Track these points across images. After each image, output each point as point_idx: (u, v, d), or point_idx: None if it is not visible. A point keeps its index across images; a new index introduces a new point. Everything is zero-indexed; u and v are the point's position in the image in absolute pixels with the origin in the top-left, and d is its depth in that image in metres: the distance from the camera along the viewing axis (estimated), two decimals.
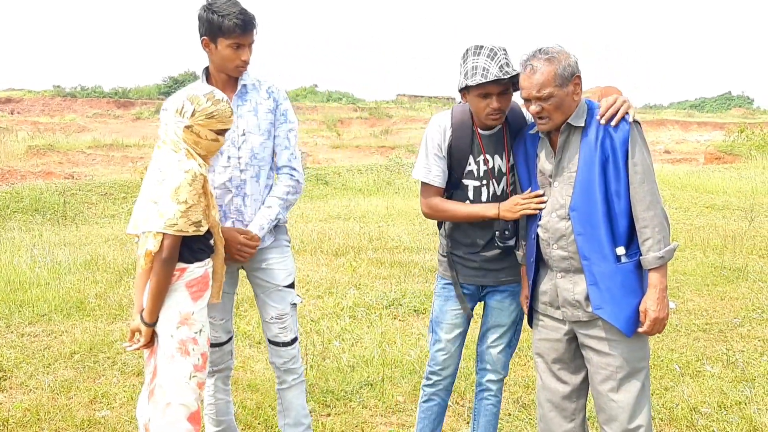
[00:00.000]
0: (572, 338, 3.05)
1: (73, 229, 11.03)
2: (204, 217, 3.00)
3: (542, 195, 3.04)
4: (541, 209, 3.04)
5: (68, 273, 7.73)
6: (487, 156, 3.22)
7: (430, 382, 3.46)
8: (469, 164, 3.22)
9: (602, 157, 2.85)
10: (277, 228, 3.53)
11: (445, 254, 3.37)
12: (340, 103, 50.02)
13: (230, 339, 3.59)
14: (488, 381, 3.47)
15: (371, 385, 4.79)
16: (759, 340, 5.63)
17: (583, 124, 2.90)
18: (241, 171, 3.37)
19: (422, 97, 56.50)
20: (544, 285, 3.08)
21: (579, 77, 2.88)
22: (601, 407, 2.98)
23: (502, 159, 3.24)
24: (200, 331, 3.05)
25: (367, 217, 11.89)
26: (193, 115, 2.97)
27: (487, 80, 2.98)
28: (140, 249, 3.00)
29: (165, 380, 3.02)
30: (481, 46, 3.04)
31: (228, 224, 3.38)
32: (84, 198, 13.52)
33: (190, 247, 3.01)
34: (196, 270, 3.04)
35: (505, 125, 3.24)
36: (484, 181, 3.23)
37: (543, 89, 2.82)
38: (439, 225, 3.47)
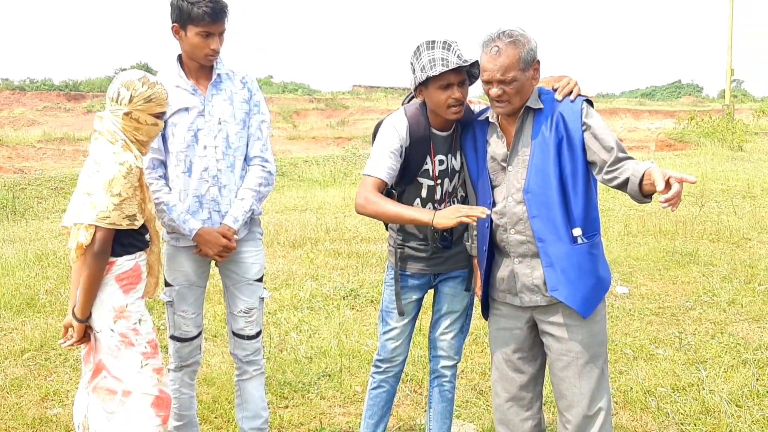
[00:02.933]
0: (533, 326, 3.04)
1: (23, 224, 10.79)
2: (139, 210, 2.96)
3: (488, 211, 2.92)
4: (478, 220, 2.94)
5: (18, 269, 7.56)
6: (442, 156, 3.21)
7: (380, 369, 3.46)
8: (426, 164, 3.20)
9: (556, 138, 2.83)
10: (252, 220, 3.51)
11: (395, 247, 3.35)
12: (296, 94, 49.67)
13: (200, 334, 3.55)
14: (443, 367, 3.48)
15: (329, 375, 4.78)
16: (710, 323, 5.74)
17: (541, 107, 2.89)
18: (217, 161, 3.35)
19: (378, 87, 56.44)
20: (501, 272, 3.04)
21: (539, 62, 2.86)
22: (561, 393, 2.98)
23: (456, 158, 3.24)
24: (139, 320, 3.01)
25: (324, 208, 11.85)
26: (130, 101, 2.94)
27: (449, 68, 2.96)
28: (71, 242, 2.93)
29: (119, 373, 2.99)
30: (433, 41, 3.04)
31: (204, 215, 3.35)
32: (34, 192, 13.25)
33: (121, 241, 2.96)
34: (125, 263, 2.99)
35: (457, 124, 3.22)
36: (439, 181, 3.22)
37: (507, 73, 2.78)
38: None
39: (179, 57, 3.39)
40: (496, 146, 2.99)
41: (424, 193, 3.24)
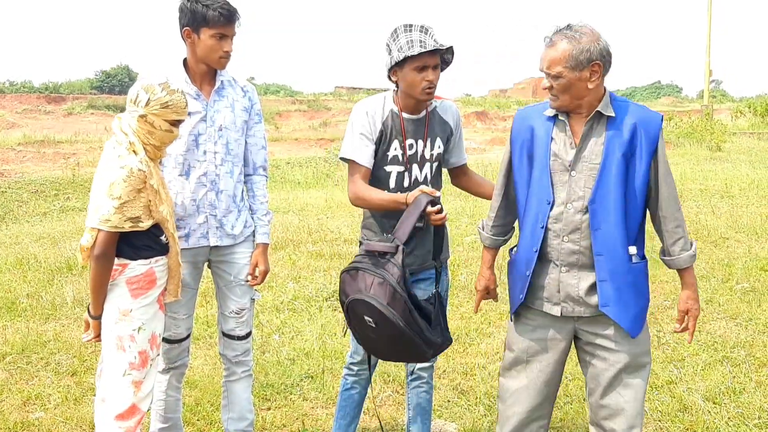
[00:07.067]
0: (571, 338, 2.93)
1: (3, 228, 10.71)
2: (145, 212, 2.96)
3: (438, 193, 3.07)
4: (533, 220, 2.85)
5: None
6: (412, 141, 3.26)
7: (353, 371, 3.49)
8: (395, 149, 3.24)
9: (629, 150, 2.72)
10: (248, 223, 3.56)
11: (364, 242, 3.36)
12: (278, 95, 49.70)
13: (188, 336, 3.57)
14: (420, 369, 3.51)
15: (311, 377, 4.80)
16: None
17: (613, 114, 2.75)
18: (216, 166, 3.39)
19: (361, 89, 56.56)
20: (542, 279, 2.87)
21: (599, 65, 2.69)
22: (602, 405, 2.87)
23: (425, 145, 3.28)
24: (139, 328, 3.01)
25: (307, 209, 11.84)
26: (147, 104, 2.94)
27: (427, 49, 3.04)
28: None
29: (104, 373, 3.02)
30: (411, 24, 3.12)
31: (200, 219, 3.38)
32: (14, 196, 13.14)
33: (133, 244, 2.98)
34: (138, 267, 3.00)
35: (429, 113, 3.28)
36: (408, 166, 3.27)
37: (552, 67, 2.69)
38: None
39: (184, 61, 3.42)
40: (562, 145, 2.81)
41: (392, 182, 3.27)
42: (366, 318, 2.91)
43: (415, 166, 3.27)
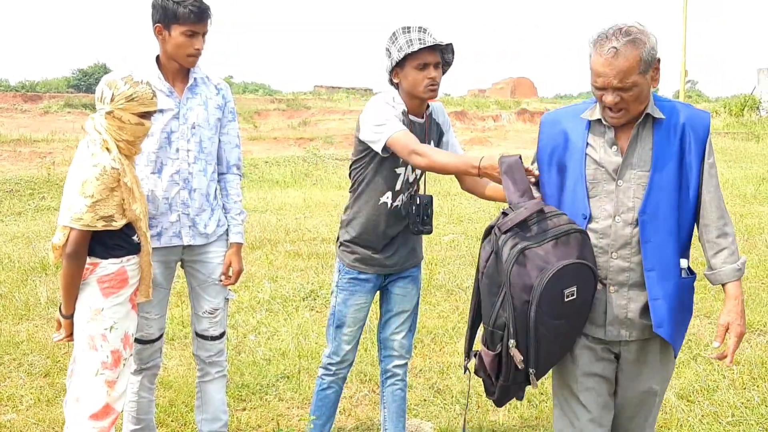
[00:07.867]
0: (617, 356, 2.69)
1: None
2: (119, 211, 2.95)
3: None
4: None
5: None
6: None
7: (331, 371, 3.49)
8: None
9: (680, 153, 2.50)
10: (221, 222, 3.55)
11: (348, 243, 3.38)
12: (257, 94, 49.53)
13: (161, 336, 3.54)
14: (395, 366, 3.52)
15: (287, 377, 4.78)
16: None
17: (663, 116, 2.51)
18: (189, 164, 3.37)
19: (340, 88, 56.52)
20: None
21: (659, 61, 2.47)
22: (626, 428, 2.76)
23: None
24: (111, 327, 3.00)
25: (285, 209, 11.81)
26: (112, 99, 2.93)
27: (426, 44, 3.04)
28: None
29: (77, 372, 3.01)
30: (409, 26, 3.13)
31: (173, 217, 3.36)
32: None
33: (104, 243, 2.96)
34: (109, 266, 2.99)
35: (428, 117, 3.28)
36: (406, 167, 3.26)
37: (627, 78, 2.37)
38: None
39: (157, 58, 3.39)
40: (605, 153, 2.56)
41: (398, 184, 3.25)
42: (566, 291, 2.39)
43: (409, 168, 3.27)
